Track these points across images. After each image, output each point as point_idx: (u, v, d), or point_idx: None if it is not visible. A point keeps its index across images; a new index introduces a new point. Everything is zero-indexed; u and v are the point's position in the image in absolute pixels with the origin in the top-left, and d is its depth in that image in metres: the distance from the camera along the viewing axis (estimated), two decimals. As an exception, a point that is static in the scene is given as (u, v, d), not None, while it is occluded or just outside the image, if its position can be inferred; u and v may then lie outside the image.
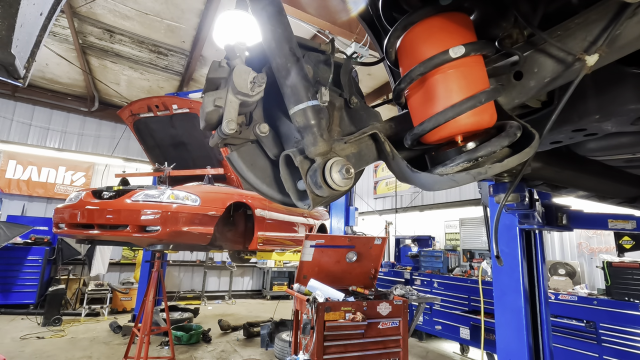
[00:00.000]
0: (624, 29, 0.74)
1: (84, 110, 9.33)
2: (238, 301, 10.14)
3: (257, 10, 0.79)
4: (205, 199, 3.75)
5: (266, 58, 0.81)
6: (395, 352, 3.41)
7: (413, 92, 0.87)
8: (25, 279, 7.23)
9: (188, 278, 10.33)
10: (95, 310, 7.44)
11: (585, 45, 0.78)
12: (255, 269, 11.29)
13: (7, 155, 8.78)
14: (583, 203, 2.49)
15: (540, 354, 3.17)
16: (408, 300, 3.76)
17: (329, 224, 7.13)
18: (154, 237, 3.37)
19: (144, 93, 8.69)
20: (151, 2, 5.70)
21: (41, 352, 5.06)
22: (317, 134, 0.74)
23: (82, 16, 6.12)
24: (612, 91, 1.02)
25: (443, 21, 0.82)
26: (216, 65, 0.79)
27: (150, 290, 4.05)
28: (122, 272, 9.49)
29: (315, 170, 0.72)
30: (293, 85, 0.76)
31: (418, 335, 6.70)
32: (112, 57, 7.31)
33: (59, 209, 3.82)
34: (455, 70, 0.79)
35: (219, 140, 0.83)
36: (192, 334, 5.82)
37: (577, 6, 0.85)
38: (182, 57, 7.31)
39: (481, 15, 0.91)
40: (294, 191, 0.83)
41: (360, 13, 1.17)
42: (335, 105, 0.91)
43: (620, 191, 2.01)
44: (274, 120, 0.90)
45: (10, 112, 8.81)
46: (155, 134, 5.14)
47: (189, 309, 7.55)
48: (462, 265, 7.53)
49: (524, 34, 0.89)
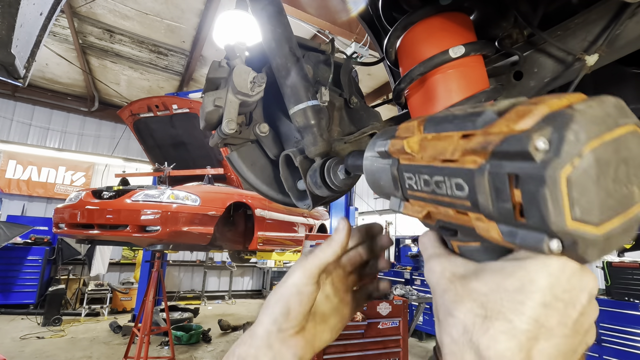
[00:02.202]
0: (624, 29, 0.74)
1: (84, 110, 9.33)
2: (238, 301, 10.14)
3: (257, 10, 0.79)
4: (205, 199, 3.75)
5: (266, 58, 0.81)
6: (395, 352, 3.41)
7: (413, 92, 0.87)
8: (25, 279, 7.23)
9: (188, 278, 10.34)
10: (95, 310, 7.45)
11: (585, 45, 0.78)
12: (255, 269, 11.29)
13: (7, 155, 8.78)
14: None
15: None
16: (408, 300, 3.76)
17: (329, 224, 7.13)
18: (154, 237, 3.37)
19: (144, 93, 8.68)
20: (151, 2, 5.70)
21: (41, 352, 5.06)
22: (317, 134, 0.74)
23: (82, 16, 6.12)
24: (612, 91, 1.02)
25: (443, 21, 0.82)
26: (216, 65, 0.79)
27: (150, 290, 4.05)
28: (122, 272, 9.49)
29: (315, 170, 0.72)
30: (293, 85, 0.76)
31: (418, 335, 6.70)
32: (112, 57, 7.31)
33: (59, 209, 3.82)
34: (455, 70, 0.79)
35: (219, 140, 0.83)
36: (192, 334, 5.82)
37: (577, 6, 0.85)
38: (182, 57, 7.31)
39: (481, 15, 0.91)
40: (294, 191, 0.83)
41: (360, 13, 1.17)
42: (335, 105, 0.91)
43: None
44: (274, 120, 0.90)
45: (10, 112, 8.82)
46: (155, 134, 5.14)
47: (189, 309, 7.55)
48: (462, 265, 7.51)
49: (524, 34, 0.89)
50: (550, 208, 0.22)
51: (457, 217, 0.31)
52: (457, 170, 0.29)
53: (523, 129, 0.24)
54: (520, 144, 0.23)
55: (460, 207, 0.29)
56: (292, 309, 0.44)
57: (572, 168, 0.22)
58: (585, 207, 0.22)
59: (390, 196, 0.41)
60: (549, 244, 0.23)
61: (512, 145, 0.24)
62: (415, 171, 0.34)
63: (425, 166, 0.33)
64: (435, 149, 0.32)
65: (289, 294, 0.45)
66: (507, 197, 0.25)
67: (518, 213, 0.25)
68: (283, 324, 0.44)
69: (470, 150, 0.28)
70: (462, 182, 0.28)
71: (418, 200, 0.36)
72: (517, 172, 0.24)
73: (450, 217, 0.32)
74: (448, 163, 0.30)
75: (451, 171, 0.29)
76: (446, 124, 0.33)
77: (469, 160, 0.28)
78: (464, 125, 0.31)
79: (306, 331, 0.46)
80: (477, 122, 0.29)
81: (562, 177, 0.22)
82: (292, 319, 0.44)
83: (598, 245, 0.23)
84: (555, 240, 0.23)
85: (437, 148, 0.32)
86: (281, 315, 0.44)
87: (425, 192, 0.33)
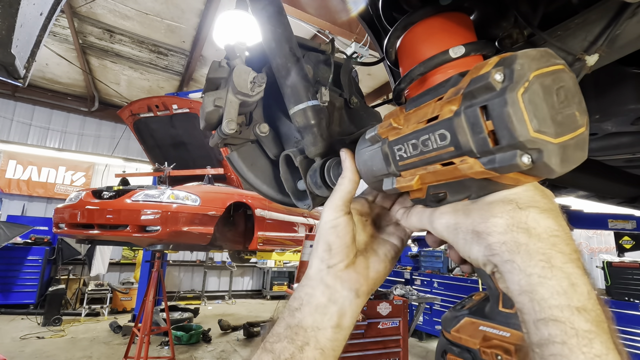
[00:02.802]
0: (624, 29, 0.74)
1: (84, 110, 9.32)
2: (238, 301, 10.14)
3: (257, 10, 0.79)
4: (205, 199, 3.75)
5: (266, 58, 0.81)
6: (395, 352, 3.41)
7: (413, 92, 0.87)
8: (25, 279, 7.23)
9: (188, 278, 10.33)
10: (95, 310, 7.45)
11: (585, 45, 0.78)
12: (255, 269, 11.28)
13: (7, 155, 8.78)
14: (583, 203, 2.49)
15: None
16: (408, 300, 3.76)
17: (329, 224, 7.11)
18: (154, 237, 3.37)
19: (144, 93, 8.68)
20: (151, 2, 5.70)
21: (41, 352, 5.06)
22: (317, 134, 0.74)
23: (82, 16, 6.12)
24: (612, 91, 1.02)
25: (443, 21, 0.82)
26: (216, 65, 0.79)
27: (150, 290, 4.05)
28: (122, 272, 9.49)
29: (315, 170, 0.72)
30: (293, 85, 0.76)
31: (418, 335, 6.70)
32: (112, 57, 7.31)
33: (59, 209, 3.82)
34: (455, 70, 0.79)
35: (219, 140, 0.83)
36: (192, 334, 5.82)
37: (577, 6, 0.85)
38: (182, 57, 7.31)
39: (481, 15, 0.91)
40: (294, 191, 0.83)
41: (360, 13, 1.17)
42: (335, 105, 0.91)
43: (620, 191, 2.01)
44: (274, 120, 0.90)
45: (10, 112, 8.81)
46: (155, 134, 5.14)
47: (189, 309, 7.55)
48: (462, 265, 7.51)
49: (524, 33, 0.89)
50: (515, 122, 0.28)
51: (444, 172, 0.36)
52: (438, 123, 0.35)
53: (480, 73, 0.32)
54: (483, 80, 0.31)
55: (446, 157, 0.35)
56: (333, 243, 0.47)
57: (523, 89, 0.28)
58: (541, 119, 0.29)
59: (384, 178, 0.46)
60: (521, 158, 0.29)
61: (477, 84, 0.31)
62: (404, 141, 0.40)
63: (411, 132, 0.38)
64: (417, 117, 0.39)
65: (325, 230, 0.48)
66: (481, 129, 0.31)
67: (492, 141, 0.30)
68: (330, 260, 0.47)
69: (445, 102, 0.34)
70: (444, 131, 0.34)
71: (409, 169, 0.41)
72: (485, 103, 0.30)
73: (439, 175, 0.37)
74: (431, 122, 0.36)
75: (433, 127, 0.35)
76: (423, 97, 0.41)
77: (446, 111, 0.34)
78: (437, 93, 0.39)
79: (357, 264, 0.48)
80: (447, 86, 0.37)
81: (518, 96, 0.28)
82: (335, 254, 0.47)
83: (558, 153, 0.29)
84: (526, 155, 0.29)
85: (419, 115, 0.39)
86: (325, 252, 0.47)
87: (414, 155, 0.39)
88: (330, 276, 0.46)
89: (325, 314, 0.45)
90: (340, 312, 0.45)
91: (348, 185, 0.48)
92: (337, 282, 0.46)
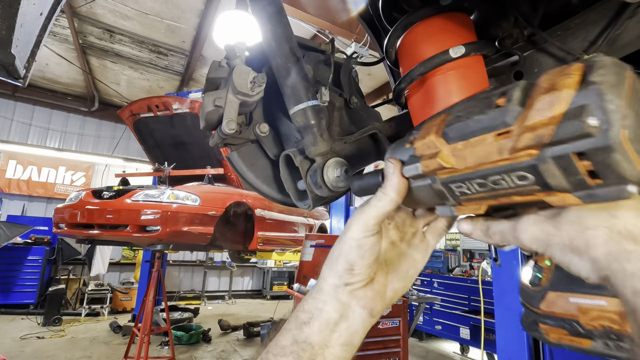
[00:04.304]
0: (624, 29, 0.74)
1: (84, 110, 9.32)
2: (238, 301, 10.14)
3: (257, 10, 0.79)
4: (205, 199, 3.75)
5: (266, 58, 0.81)
6: (395, 352, 3.41)
7: (413, 92, 0.87)
8: (25, 279, 7.23)
9: (188, 278, 10.33)
10: (95, 310, 7.45)
11: (585, 45, 0.78)
12: (255, 269, 11.29)
13: (7, 155, 8.78)
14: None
15: (540, 354, 3.17)
16: (408, 300, 3.76)
17: (329, 224, 7.13)
18: (154, 237, 3.37)
19: (144, 93, 8.68)
20: (151, 2, 5.70)
21: (41, 352, 5.06)
22: (317, 134, 0.74)
23: (82, 16, 6.12)
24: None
25: (443, 21, 0.82)
26: (216, 65, 0.79)
27: (150, 290, 4.05)
28: (122, 272, 9.49)
29: (315, 170, 0.72)
30: (293, 85, 0.76)
31: (418, 335, 6.70)
32: (112, 57, 7.31)
33: (59, 208, 3.82)
34: (455, 70, 0.79)
35: (219, 140, 0.83)
36: (192, 334, 5.82)
37: (577, 6, 0.85)
38: (182, 57, 7.31)
39: (481, 15, 0.91)
40: (294, 191, 0.83)
41: (360, 13, 1.17)
42: (335, 105, 0.91)
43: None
44: (274, 120, 0.90)
45: (10, 112, 8.81)
46: (155, 134, 5.14)
47: (189, 309, 7.55)
48: (462, 265, 7.54)
49: (524, 33, 0.89)
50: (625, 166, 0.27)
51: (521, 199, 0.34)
52: (513, 165, 0.32)
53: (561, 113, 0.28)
54: (577, 128, 0.27)
55: (527, 193, 0.33)
56: (355, 264, 0.43)
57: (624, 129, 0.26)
58: None
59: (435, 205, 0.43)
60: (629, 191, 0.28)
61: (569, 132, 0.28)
62: (464, 179, 0.37)
63: (473, 172, 0.35)
64: (477, 156, 0.35)
65: (349, 248, 0.43)
66: (577, 171, 0.29)
67: (589, 178, 0.28)
68: (349, 279, 0.43)
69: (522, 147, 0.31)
70: (523, 173, 0.32)
71: (474, 200, 0.38)
72: (582, 150, 0.28)
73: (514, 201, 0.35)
74: (498, 162, 0.33)
75: (506, 168, 0.32)
76: (468, 129, 0.36)
77: (524, 154, 0.31)
78: (491, 125, 0.34)
79: (375, 282, 0.45)
80: (506, 119, 0.33)
81: (623, 139, 0.26)
82: (357, 274, 0.43)
83: None
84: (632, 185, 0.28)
85: (477, 154, 0.35)
86: (345, 272, 0.43)
87: (482, 192, 0.36)
88: (346, 293, 0.43)
89: (335, 331, 0.43)
90: (350, 330, 0.43)
91: (388, 206, 0.43)
92: (353, 299, 0.44)
